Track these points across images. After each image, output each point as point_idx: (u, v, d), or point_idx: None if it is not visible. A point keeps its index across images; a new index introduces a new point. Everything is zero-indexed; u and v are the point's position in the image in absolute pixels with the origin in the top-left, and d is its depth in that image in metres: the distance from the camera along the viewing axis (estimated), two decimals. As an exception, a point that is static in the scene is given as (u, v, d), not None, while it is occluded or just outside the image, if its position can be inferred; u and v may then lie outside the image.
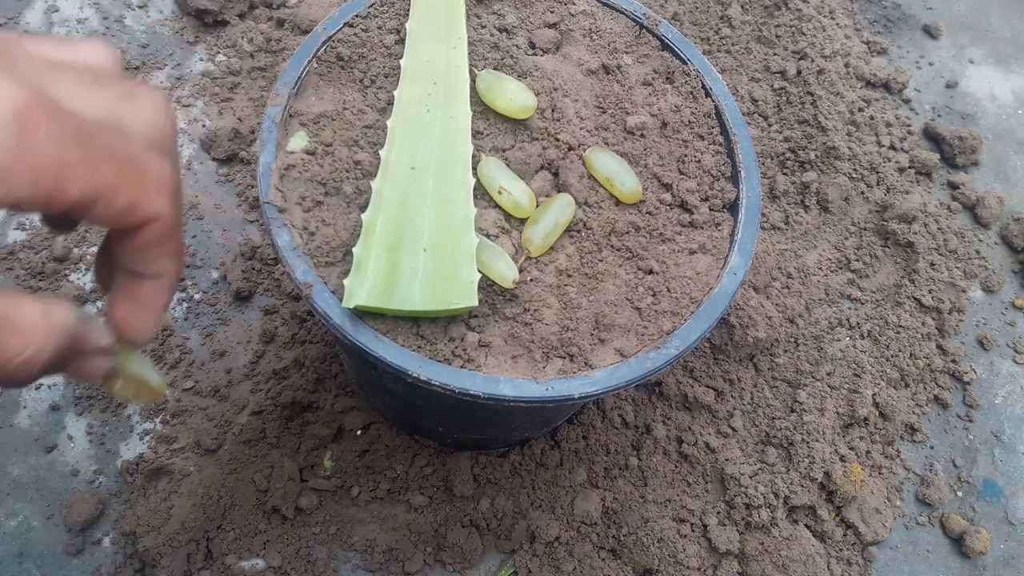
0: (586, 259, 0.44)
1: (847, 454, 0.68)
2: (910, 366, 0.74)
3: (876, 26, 0.96)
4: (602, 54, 0.51)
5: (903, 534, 0.68)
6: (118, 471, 0.61)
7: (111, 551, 0.58)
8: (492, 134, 0.46)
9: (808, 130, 0.79)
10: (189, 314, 0.67)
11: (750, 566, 0.63)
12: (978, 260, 0.81)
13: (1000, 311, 0.79)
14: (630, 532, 0.62)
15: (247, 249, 0.70)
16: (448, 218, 0.40)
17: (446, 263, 0.39)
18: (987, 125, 0.91)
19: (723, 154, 0.49)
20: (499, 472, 0.62)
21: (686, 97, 0.51)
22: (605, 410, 0.66)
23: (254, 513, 0.59)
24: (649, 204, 0.46)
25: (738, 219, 0.47)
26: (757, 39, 0.85)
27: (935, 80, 0.93)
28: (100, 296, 0.67)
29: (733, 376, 0.69)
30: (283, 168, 0.44)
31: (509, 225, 0.44)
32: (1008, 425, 0.74)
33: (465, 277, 0.39)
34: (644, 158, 0.48)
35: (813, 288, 0.75)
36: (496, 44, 0.49)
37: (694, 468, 0.65)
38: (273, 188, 0.43)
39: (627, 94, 0.50)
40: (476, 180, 0.44)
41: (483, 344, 0.41)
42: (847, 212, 0.79)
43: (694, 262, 0.45)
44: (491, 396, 0.39)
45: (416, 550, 0.60)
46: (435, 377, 0.38)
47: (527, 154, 0.45)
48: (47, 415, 0.62)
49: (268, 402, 0.63)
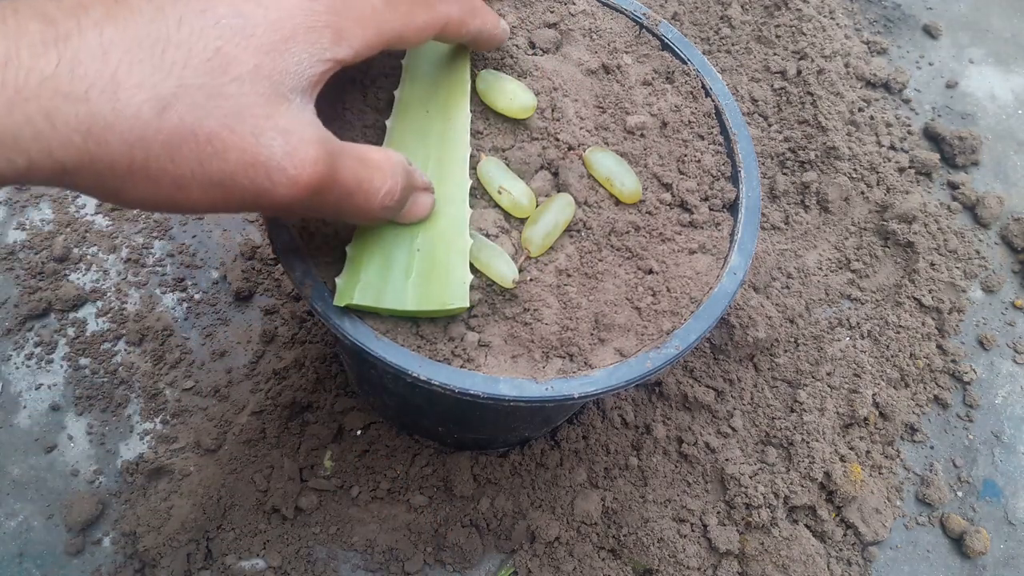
0: (586, 259, 0.44)
1: (847, 454, 0.68)
2: (910, 366, 0.74)
3: (876, 26, 0.96)
4: (602, 54, 0.51)
5: (903, 534, 0.68)
6: (118, 471, 0.61)
7: (111, 551, 0.58)
8: (492, 134, 0.46)
9: (808, 130, 0.79)
10: (189, 314, 0.67)
11: (750, 566, 0.63)
12: (978, 260, 0.81)
13: (1000, 311, 0.79)
14: (630, 532, 0.62)
15: (247, 249, 0.70)
16: (442, 220, 0.40)
17: (439, 263, 0.39)
18: (987, 125, 0.91)
19: (723, 154, 0.49)
20: (499, 472, 0.62)
21: (686, 97, 0.51)
22: (605, 410, 0.66)
23: (254, 513, 0.59)
24: (649, 204, 0.46)
25: (738, 219, 0.47)
26: (757, 39, 0.85)
27: (935, 80, 0.93)
28: (99, 296, 0.67)
29: (733, 376, 0.69)
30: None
31: (509, 225, 0.44)
32: (1008, 425, 0.74)
33: (458, 278, 0.39)
34: (644, 158, 0.48)
35: (813, 288, 0.75)
36: (496, 44, 0.49)
37: (694, 468, 0.65)
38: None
39: (627, 94, 0.50)
40: (476, 180, 0.44)
41: (483, 344, 0.41)
42: (847, 212, 0.79)
43: (694, 262, 0.45)
44: (491, 396, 0.39)
45: (416, 550, 0.60)
46: (435, 377, 0.38)
47: (527, 154, 0.45)
48: (47, 415, 0.62)
49: (268, 402, 0.63)
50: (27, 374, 0.63)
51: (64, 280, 0.67)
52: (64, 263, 0.68)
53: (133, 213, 0.71)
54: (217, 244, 0.71)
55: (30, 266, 0.67)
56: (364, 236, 0.39)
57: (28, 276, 0.66)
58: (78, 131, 0.25)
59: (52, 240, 0.68)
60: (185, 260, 0.70)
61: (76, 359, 0.64)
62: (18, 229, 0.68)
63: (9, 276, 0.66)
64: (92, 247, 0.69)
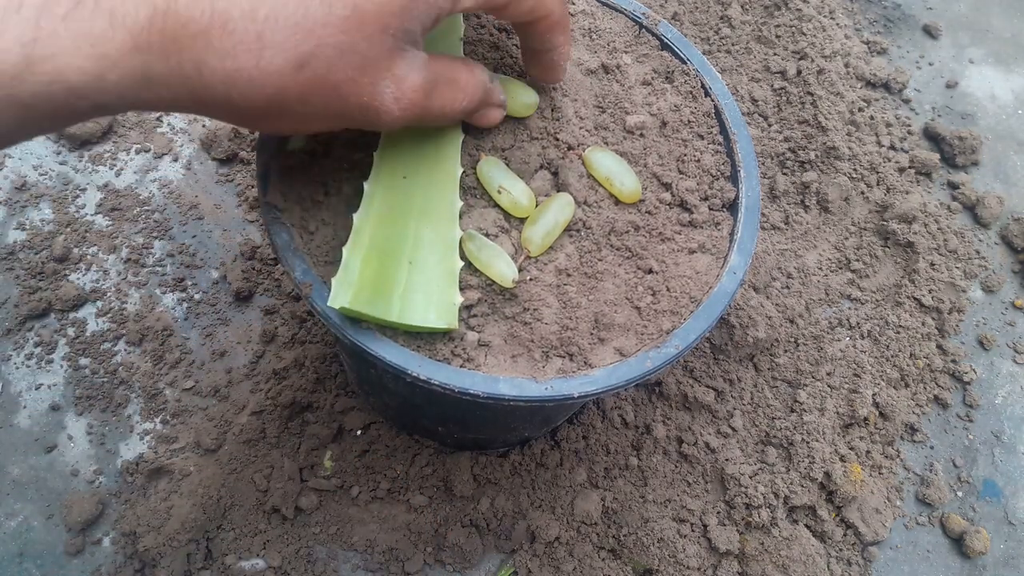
0: (586, 258, 0.44)
1: (847, 454, 0.68)
2: (910, 366, 0.74)
3: (876, 26, 0.96)
4: (601, 53, 0.51)
5: (903, 534, 0.68)
6: (118, 471, 0.61)
7: (111, 551, 0.58)
8: (492, 133, 0.46)
9: (808, 130, 0.79)
10: (189, 314, 0.67)
11: (750, 566, 0.62)
12: (978, 260, 0.81)
13: (1000, 311, 0.79)
14: (630, 532, 0.62)
15: (247, 249, 0.70)
16: (433, 236, 0.40)
17: (430, 281, 0.39)
18: (987, 125, 0.91)
19: (723, 153, 0.49)
20: (499, 472, 0.62)
21: (686, 97, 0.51)
22: (605, 410, 0.66)
23: (254, 513, 0.59)
24: (649, 203, 0.46)
25: (738, 219, 0.47)
26: (757, 39, 0.85)
27: (935, 80, 0.93)
28: (99, 296, 0.67)
29: (733, 376, 0.69)
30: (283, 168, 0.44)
31: (508, 224, 0.44)
32: (1008, 425, 0.74)
33: (447, 299, 0.39)
34: (644, 157, 0.48)
35: (813, 288, 0.75)
36: (495, 44, 0.49)
37: (694, 468, 0.65)
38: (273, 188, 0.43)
39: (626, 93, 0.50)
40: (475, 180, 0.44)
41: (483, 343, 0.41)
42: (847, 212, 0.79)
43: (694, 261, 0.45)
44: (491, 395, 0.39)
45: (416, 550, 0.60)
46: (434, 376, 0.38)
47: (526, 154, 0.45)
48: (47, 415, 0.62)
49: (268, 402, 0.63)
50: (27, 374, 0.63)
51: (64, 280, 0.67)
52: (64, 263, 0.68)
53: (133, 213, 0.71)
54: (217, 244, 0.71)
55: (30, 266, 0.67)
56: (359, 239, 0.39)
57: (28, 276, 0.66)
58: (223, 82, 0.29)
59: (52, 240, 0.68)
60: (185, 260, 0.69)
61: (76, 359, 0.64)
62: (18, 229, 0.68)
63: (9, 276, 0.66)
64: (92, 247, 0.69)
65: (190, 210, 0.72)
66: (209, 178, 0.74)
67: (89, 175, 0.72)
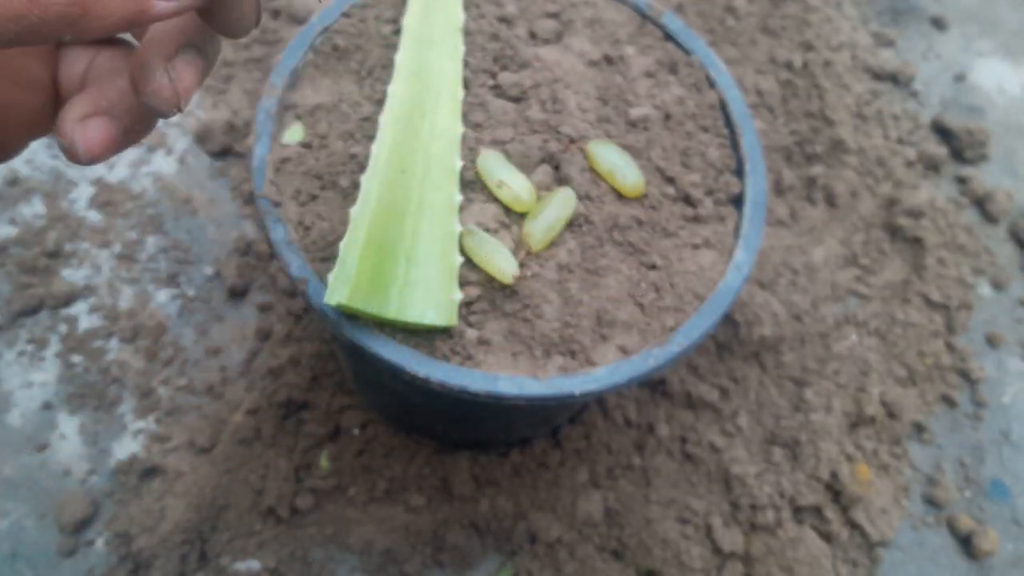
0: (587, 254, 0.43)
1: (854, 453, 0.67)
2: (918, 364, 0.73)
3: (883, 18, 0.95)
4: (604, 45, 0.50)
5: (910, 535, 0.67)
6: (111, 470, 0.60)
7: (104, 552, 0.57)
8: (491, 126, 0.45)
9: (814, 123, 0.78)
10: (183, 311, 0.66)
11: (755, 568, 0.62)
12: (987, 256, 0.80)
13: (1009, 308, 0.78)
14: (633, 533, 0.61)
15: (242, 244, 0.69)
16: (432, 231, 0.39)
17: (429, 277, 0.38)
18: (996, 118, 0.90)
19: (728, 147, 0.48)
20: (499, 472, 0.61)
21: (690, 89, 0.50)
22: (607, 409, 0.65)
23: (249, 514, 0.58)
24: (652, 198, 0.45)
25: (743, 213, 0.46)
26: (763, 30, 0.84)
27: (943, 73, 0.92)
28: (91, 293, 0.66)
29: (738, 374, 0.68)
30: (278, 162, 0.44)
31: (509, 220, 0.43)
32: (1017, 424, 0.73)
33: (446, 295, 0.38)
34: (647, 151, 0.47)
35: (819, 284, 0.74)
36: (495, 34, 0.48)
37: (698, 468, 0.65)
38: (268, 182, 0.43)
39: (630, 86, 0.49)
40: (475, 174, 0.43)
41: (482, 341, 0.40)
42: (854, 207, 0.78)
43: (698, 257, 0.44)
44: (490, 394, 0.38)
45: (414, 551, 0.59)
46: (433, 374, 0.38)
47: (527, 147, 0.44)
48: (39, 413, 0.61)
49: (263, 400, 0.62)
50: (19, 371, 0.62)
51: (56, 276, 0.66)
52: (56, 259, 0.67)
53: (126, 208, 0.70)
54: (211, 240, 0.70)
55: (21, 262, 0.66)
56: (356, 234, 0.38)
57: (20, 272, 0.66)
58: None
59: (44, 235, 0.67)
60: (178, 256, 0.69)
61: (68, 356, 0.63)
62: (9, 224, 0.68)
63: (0, 272, 0.66)
64: (84, 243, 0.68)
65: (183, 205, 0.71)
66: (203, 172, 0.73)
67: (81, 169, 0.71)
